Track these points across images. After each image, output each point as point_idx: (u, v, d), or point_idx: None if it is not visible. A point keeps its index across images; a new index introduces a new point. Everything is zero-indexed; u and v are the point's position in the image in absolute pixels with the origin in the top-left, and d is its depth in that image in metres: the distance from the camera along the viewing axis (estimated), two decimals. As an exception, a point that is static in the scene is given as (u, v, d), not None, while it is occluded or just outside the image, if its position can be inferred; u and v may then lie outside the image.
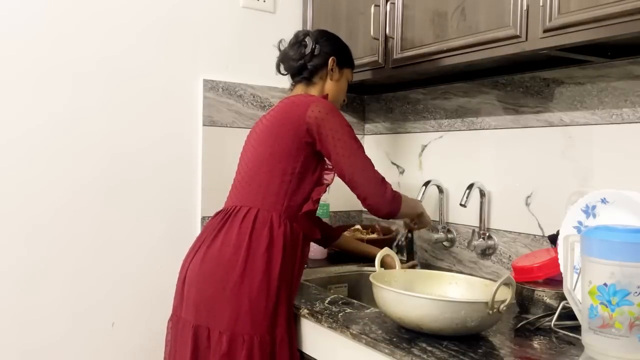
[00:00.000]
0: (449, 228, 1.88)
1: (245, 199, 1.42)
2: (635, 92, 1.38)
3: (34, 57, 1.66)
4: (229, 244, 1.35)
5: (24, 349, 1.66)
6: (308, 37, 1.56)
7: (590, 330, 0.99)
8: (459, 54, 1.48)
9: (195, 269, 1.37)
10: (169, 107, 1.88)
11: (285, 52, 1.59)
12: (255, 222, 1.36)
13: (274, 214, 1.37)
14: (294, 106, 1.43)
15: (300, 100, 1.44)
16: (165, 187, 1.88)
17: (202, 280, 1.35)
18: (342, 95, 1.62)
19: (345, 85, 1.62)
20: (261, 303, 1.31)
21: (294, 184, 1.39)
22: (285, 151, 1.39)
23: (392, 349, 1.07)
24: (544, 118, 1.60)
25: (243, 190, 1.44)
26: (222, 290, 1.31)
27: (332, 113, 1.40)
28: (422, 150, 2.01)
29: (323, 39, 1.58)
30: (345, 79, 1.62)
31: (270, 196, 1.38)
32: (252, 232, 1.35)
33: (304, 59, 1.54)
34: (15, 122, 1.64)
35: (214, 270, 1.34)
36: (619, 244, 0.95)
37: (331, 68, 1.56)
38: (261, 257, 1.33)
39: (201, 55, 1.94)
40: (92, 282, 1.76)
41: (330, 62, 1.55)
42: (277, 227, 1.36)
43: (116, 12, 1.78)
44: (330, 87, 1.57)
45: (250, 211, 1.38)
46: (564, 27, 1.21)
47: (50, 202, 1.69)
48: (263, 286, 1.31)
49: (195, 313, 1.34)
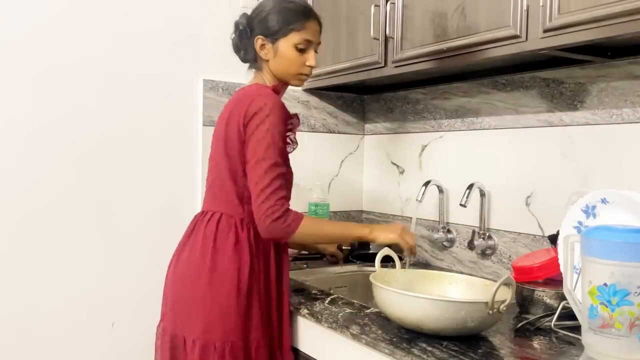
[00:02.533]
0: (449, 228, 1.88)
1: (211, 203, 1.39)
2: (635, 92, 1.38)
3: (35, 58, 1.66)
4: (195, 251, 1.33)
5: (24, 349, 1.66)
6: (239, 24, 1.43)
7: (590, 330, 0.99)
8: (459, 54, 1.48)
9: (170, 276, 1.39)
10: (169, 107, 1.88)
11: (232, 40, 1.47)
12: (218, 227, 1.33)
13: (236, 218, 1.34)
14: (238, 102, 1.35)
15: (246, 94, 1.35)
16: (165, 187, 1.88)
17: (174, 288, 1.35)
18: (293, 67, 1.41)
19: (291, 54, 1.39)
20: (231, 309, 1.28)
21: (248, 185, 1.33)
22: (235, 151, 1.33)
23: (392, 349, 1.07)
24: (544, 118, 1.60)
25: (208, 193, 1.42)
26: (193, 298, 1.30)
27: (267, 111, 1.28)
28: (422, 150, 2.01)
29: (254, 14, 1.42)
30: (288, 48, 1.39)
31: (230, 200, 1.35)
32: (216, 238, 1.32)
33: (242, 49, 1.44)
34: (15, 122, 1.64)
35: (184, 278, 1.33)
36: (619, 244, 0.95)
37: (260, 49, 1.40)
38: (228, 262, 1.30)
39: (201, 55, 1.94)
40: (92, 282, 1.76)
41: (257, 44, 1.40)
42: (241, 232, 1.33)
43: (116, 13, 1.78)
44: (273, 66, 1.41)
45: (214, 216, 1.35)
46: (564, 27, 1.21)
47: (50, 202, 1.69)
48: (232, 291, 1.28)
49: (172, 321, 1.34)
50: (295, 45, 1.40)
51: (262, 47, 1.41)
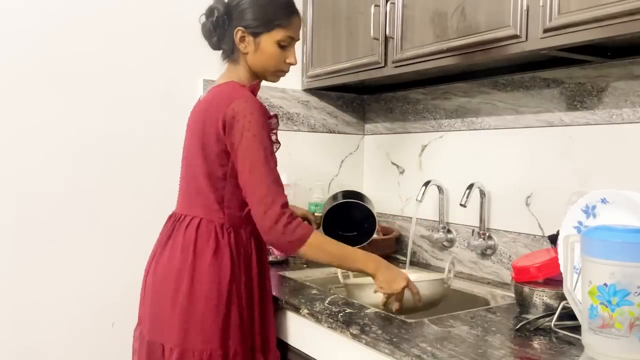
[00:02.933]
0: (449, 228, 1.88)
1: (188, 206, 1.35)
2: (635, 92, 1.38)
3: (35, 58, 1.66)
4: (174, 256, 1.29)
5: (24, 349, 1.66)
6: (216, 9, 1.35)
7: (590, 330, 0.99)
8: (459, 54, 1.48)
9: (150, 281, 1.35)
10: (169, 107, 1.88)
11: (202, 25, 1.39)
12: (198, 232, 1.29)
13: (216, 223, 1.30)
14: (216, 102, 1.29)
15: (224, 93, 1.29)
16: (165, 187, 1.87)
17: (152, 293, 1.32)
18: (272, 64, 1.35)
19: (273, 50, 1.33)
20: (210, 317, 1.25)
21: (229, 190, 1.29)
22: (212, 154, 1.28)
23: (392, 349, 1.07)
24: (544, 118, 1.60)
25: (184, 195, 1.38)
26: (172, 305, 1.27)
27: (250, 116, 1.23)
28: (422, 150, 2.01)
29: (234, 4, 1.34)
30: (270, 44, 1.33)
31: (209, 205, 1.30)
32: (196, 244, 1.28)
33: (216, 36, 1.36)
34: (15, 122, 1.64)
35: (162, 283, 1.30)
36: (619, 244, 0.95)
37: (240, 41, 1.33)
38: (207, 270, 1.27)
39: (201, 55, 1.93)
40: (92, 282, 1.76)
41: (237, 36, 1.32)
42: (221, 238, 1.29)
43: (117, 13, 1.78)
44: (252, 61, 1.35)
45: (193, 221, 1.31)
46: (564, 27, 1.21)
47: (50, 202, 1.69)
48: (211, 299, 1.25)
49: (150, 328, 1.31)
50: (278, 42, 1.34)
51: (241, 40, 1.33)
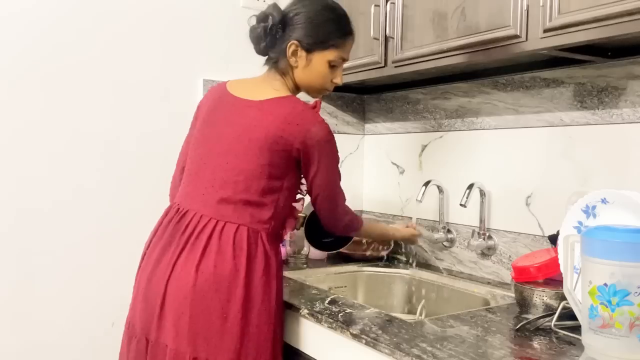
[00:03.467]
0: (449, 228, 1.88)
1: (230, 213, 1.26)
2: (635, 92, 1.38)
3: (34, 58, 1.66)
4: (223, 266, 1.21)
5: (24, 349, 1.66)
6: (271, 16, 1.31)
7: (591, 330, 0.99)
8: (459, 54, 1.48)
9: (187, 290, 1.20)
10: (169, 107, 1.88)
11: (252, 28, 1.36)
12: (249, 242, 1.25)
13: (262, 233, 1.28)
14: (294, 122, 1.26)
15: (300, 114, 1.27)
16: (165, 187, 1.88)
17: (198, 305, 1.20)
18: (319, 82, 1.37)
19: (322, 69, 1.34)
20: (265, 334, 1.24)
21: (282, 202, 1.32)
22: (278, 168, 1.28)
23: (392, 349, 1.07)
24: (544, 118, 1.60)
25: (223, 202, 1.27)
26: (224, 320, 1.20)
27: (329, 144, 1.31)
28: (422, 150, 2.01)
29: (291, 14, 1.32)
30: (322, 63, 1.33)
31: (260, 214, 1.28)
32: (249, 254, 1.24)
33: (265, 43, 1.33)
34: (16, 122, 1.64)
35: (211, 295, 1.20)
36: (619, 244, 0.95)
37: (292, 55, 1.32)
38: (259, 282, 1.24)
39: (201, 55, 1.94)
40: (92, 281, 1.76)
41: (290, 49, 1.31)
42: (269, 249, 1.28)
43: (116, 13, 1.78)
44: (300, 76, 1.35)
45: (240, 229, 1.25)
46: (564, 27, 1.21)
47: (50, 201, 1.69)
48: (264, 314, 1.24)
49: (192, 343, 1.19)
50: (330, 62, 1.35)
51: (293, 53, 1.32)
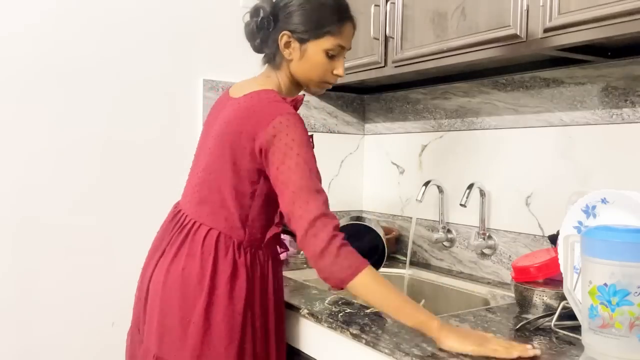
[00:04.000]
0: (449, 228, 1.88)
1: (206, 215, 1.23)
2: (635, 92, 1.38)
3: (34, 58, 1.66)
4: (191, 270, 1.19)
5: (24, 349, 1.66)
6: (262, 9, 1.24)
7: (591, 330, 0.99)
8: (459, 54, 1.48)
9: (158, 288, 1.21)
10: (169, 107, 1.88)
11: (245, 24, 1.29)
12: (217, 247, 1.20)
13: (235, 240, 1.21)
14: (255, 115, 1.18)
15: (264, 106, 1.19)
16: (165, 187, 1.88)
17: (165, 306, 1.20)
18: (318, 74, 1.26)
19: (320, 60, 1.24)
20: (224, 341, 1.17)
21: (255, 209, 1.22)
22: (244, 170, 1.19)
23: (392, 349, 1.07)
24: (544, 118, 1.60)
25: (201, 201, 1.25)
26: (187, 323, 1.17)
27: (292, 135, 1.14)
28: (422, 150, 2.01)
29: (282, 6, 1.24)
30: (318, 52, 1.24)
31: (231, 220, 1.21)
32: (215, 260, 1.19)
33: (259, 38, 1.26)
34: (17, 122, 1.64)
35: (177, 298, 1.18)
36: (619, 244, 0.95)
37: (285, 47, 1.24)
38: (224, 290, 1.18)
39: (201, 55, 1.94)
40: (92, 281, 1.76)
41: (282, 41, 1.23)
42: (238, 257, 1.21)
43: (117, 13, 1.78)
44: (295, 68, 1.26)
45: (211, 233, 1.21)
46: (564, 27, 1.21)
47: (50, 201, 1.69)
48: (226, 322, 1.17)
49: (158, 343, 1.19)
50: (327, 51, 1.24)
51: (286, 45, 1.24)
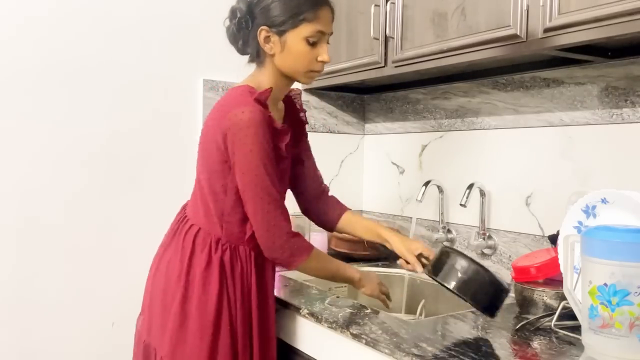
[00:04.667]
0: (449, 228, 1.88)
1: (192, 210, 1.31)
2: (635, 92, 1.38)
3: (33, 59, 1.66)
4: (174, 263, 1.26)
5: (24, 349, 1.66)
6: (238, 9, 1.26)
7: (591, 330, 0.99)
8: (459, 54, 1.48)
9: (151, 280, 1.32)
10: (169, 107, 1.88)
11: (226, 28, 1.30)
12: (195, 242, 1.25)
13: (213, 236, 1.24)
14: (219, 109, 1.23)
15: (226, 101, 1.23)
16: (165, 187, 1.88)
17: (153, 297, 1.29)
18: (302, 64, 1.25)
19: (302, 48, 1.23)
20: (198, 333, 1.20)
21: (229, 203, 1.23)
22: (213, 165, 1.23)
23: (392, 349, 1.07)
24: (544, 118, 1.60)
25: (192, 199, 1.33)
26: (167, 314, 1.23)
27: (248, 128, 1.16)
28: (422, 150, 2.01)
29: (254, 1, 1.24)
30: (298, 41, 1.22)
31: (209, 216, 1.25)
32: (192, 254, 1.24)
33: (241, 39, 1.28)
34: (16, 122, 1.64)
35: (161, 289, 1.26)
36: (619, 244, 0.95)
37: (264, 42, 1.24)
38: (197, 284, 1.22)
39: (201, 55, 1.94)
40: (92, 281, 1.76)
41: (261, 36, 1.23)
42: (214, 253, 1.24)
43: (117, 13, 1.78)
44: (280, 61, 1.25)
45: (193, 228, 1.27)
46: (564, 27, 1.21)
47: (50, 201, 1.69)
48: (199, 316, 1.21)
49: (147, 330, 1.28)
50: (307, 38, 1.23)
51: (266, 40, 1.24)
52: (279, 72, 1.28)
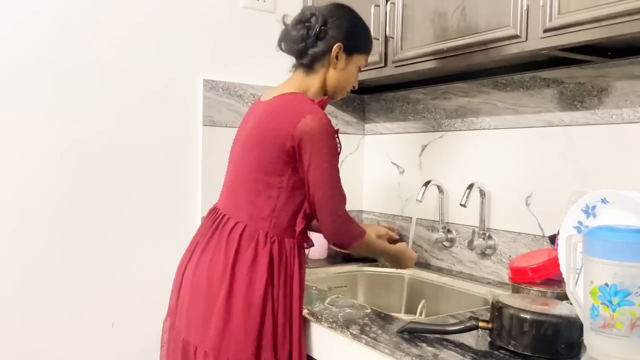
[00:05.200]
0: (449, 228, 1.88)
1: (234, 209, 1.35)
2: (635, 92, 1.38)
3: (33, 59, 1.65)
4: (217, 260, 1.30)
5: (24, 349, 1.66)
6: (314, 17, 1.37)
7: (592, 330, 0.99)
8: (459, 54, 1.48)
9: (189, 279, 1.34)
10: (169, 107, 1.88)
11: (287, 30, 1.41)
12: (241, 238, 1.30)
13: (260, 231, 1.31)
14: (286, 113, 1.31)
15: (295, 106, 1.31)
16: (165, 187, 1.88)
17: (193, 295, 1.32)
18: (348, 84, 1.44)
19: (354, 73, 1.44)
20: (244, 326, 1.25)
21: (282, 200, 1.31)
22: (272, 163, 1.30)
23: (392, 349, 1.07)
24: (544, 118, 1.60)
25: (232, 198, 1.38)
26: (211, 310, 1.27)
27: (322, 135, 1.27)
28: (422, 150, 2.01)
29: (333, 18, 1.38)
30: (356, 65, 1.43)
31: (257, 212, 1.31)
32: (238, 250, 1.29)
33: (305, 43, 1.37)
34: (15, 124, 1.63)
35: (203, 287, 1.30)
36: (621, 244, 0.95)
37: (335, 56, 1.37)
38: (244, 278, 1.27)
39: (201, 55, 1.94)
40: (92, 282, 1.76)
41: (335, 50, 1.37)
42: (262, 246, 1.29)
43: (116, 14, 1.77)
44: (334, 76, 1.40)
45: (238, 226, 1.31)
46: (564, 27, 1.21)
47: (49, 202, 1.69)
48: (245, 309, 1.26)
49: (186, 327, 1.31)
50: (359, 66, 1.44)
51: (336, 55, 1.38)
52: (325, 83, 1.41)
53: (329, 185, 1.31)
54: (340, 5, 1.42)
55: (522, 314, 1.02)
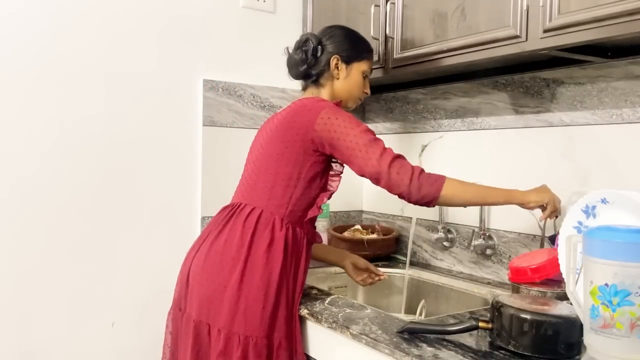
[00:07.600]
0: (449, 228, 1.88)
1: (251, 197, 1.42)
2: (635, 92, 1.38)
3: (33, 59, 1.66)
4: (232, 241, 1.35)
5: (24, 349, 1.66)
6: (309, 40, 1.53)
7: (592, 330, 0.99)
8: (459, 54, 1.48)
9: (200, 264, 1.38)
10: (169, 107, 1.88)
11: (290, 56, 1.57)
12: (258, 222, 1.36)
13: (276, 216, 1.38)
14: (304, 109, 1.40)
15: (312, 104, 1.41)
16: (165, 187, 1.88)
17: (205, 276, 1.35)
18: (357, 91, 1.56)
19: (359, 80, 1.55)
20: (258, 305, 1.30)
21: (299, 190, 1.39)
22: (293, 155, 1.38)
23: (392, 349, 1.07)
24: (544, 118, 1.60)
25: (249, 188, 1.44)
26: (223, 288, 1.32)
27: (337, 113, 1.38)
28: (422, 150, 2.01)
29: (326, 37, 1.54)
30: (358, 73, 1.55)
31: (275, 199, 1.39)
32: (254, 232, 1.35)
33: (307, 64, 1.52)
34: (15, 124, 1.63)
35: (216, 267, 1.34)
36: (621, 244, 0.95)
37: (335, 67, 1.52)
38: (261, 258, 1.33)
39: (201, 55, 1.94)
40: (92, 281, 1.76)
41: (333, 62, 1.51)
42: (278, 230, 1.36)
43: (116, 13, 1.77)
44: (340, 86, 1.54)
45: (254, 211, 1.38)
46: (564, 27, 1.21)
47: (49, 202, 1.69)
48: (261, 288, 1.31)
49: (198, 309, 1.34)
50: (363, 72, 1.55)
51: (336, 66, 1.52)
52: (334, 95, 1.54)
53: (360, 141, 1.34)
54: (332, 25, 1.59)
55: (522, 314, 1.03)
